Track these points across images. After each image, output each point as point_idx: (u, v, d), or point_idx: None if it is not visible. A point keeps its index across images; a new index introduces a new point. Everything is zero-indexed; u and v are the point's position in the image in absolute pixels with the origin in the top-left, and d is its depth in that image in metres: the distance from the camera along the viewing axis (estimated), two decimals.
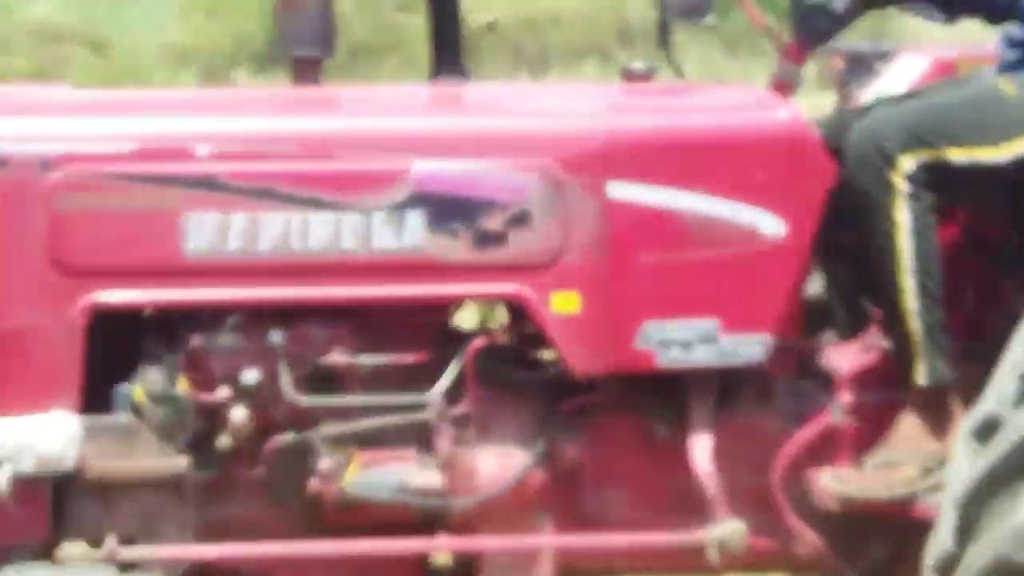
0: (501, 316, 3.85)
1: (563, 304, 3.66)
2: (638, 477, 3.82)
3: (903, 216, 3.67)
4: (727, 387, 3.82)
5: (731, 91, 4.05)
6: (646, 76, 4.10)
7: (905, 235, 3.68)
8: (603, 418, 3.81)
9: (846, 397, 3.81)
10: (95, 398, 3.59)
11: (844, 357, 3.89)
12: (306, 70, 4.13)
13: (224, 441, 3.63)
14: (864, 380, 3.84)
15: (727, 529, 3.68)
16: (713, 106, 3.80)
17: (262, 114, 3.86)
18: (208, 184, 3.57)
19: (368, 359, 3.67)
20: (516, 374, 3.77)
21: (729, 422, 3.81)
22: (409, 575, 3.83)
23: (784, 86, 3.87)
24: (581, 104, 3.86)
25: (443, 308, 3.73)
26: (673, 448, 3.76)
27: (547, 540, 3.71)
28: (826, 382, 3.86)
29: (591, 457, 3.80)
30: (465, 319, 3.85)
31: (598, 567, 3.91)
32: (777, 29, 3.92)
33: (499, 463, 3.72)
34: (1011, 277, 3.85)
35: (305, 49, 4.11)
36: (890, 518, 3.68)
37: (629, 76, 4.12)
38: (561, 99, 4.11)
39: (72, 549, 3.51)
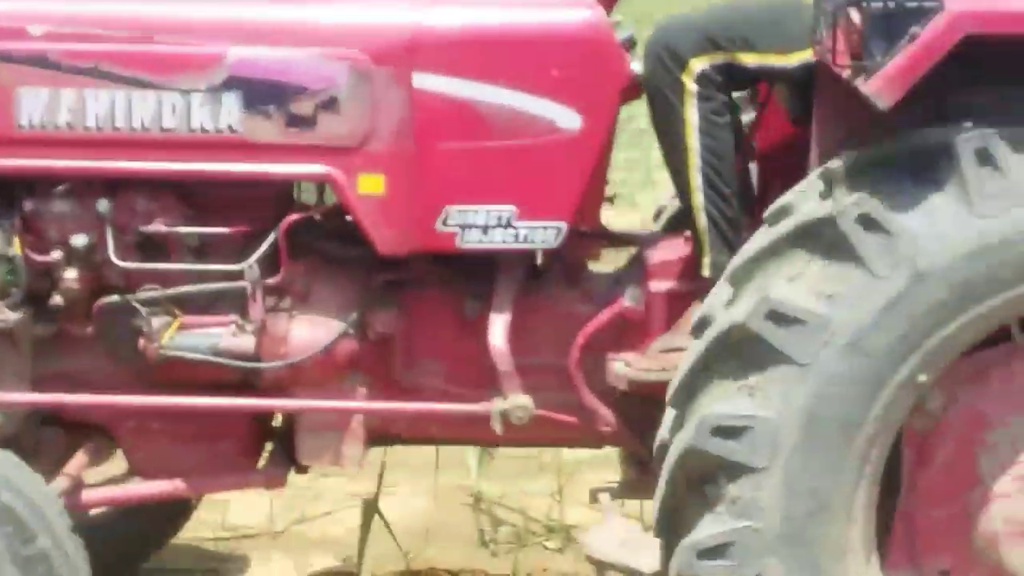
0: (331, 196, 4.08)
1: (369, 186, 3.90)
2: (448, 350, 4.07)
3: (691, 115, 3.85)
4: (536, 270, 4.05)
5: None
6: None
7: (693, 133, 3.86)
8: (416, 293, 4.07)
9: (646, 285, 4.01)
10: None
11: (658, 249, 4.09)
12: None
13: (56, 299, 3.95)
14: (669, 271, 4.04)
15: (511, 403, 3.93)
16: (518, 4, 3.96)
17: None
18: (40, 62, 3.85)
19: (190, 230, 3.95)
20: (331, 248, 4.03)
21: (535, 303, 4.04)
22: (240, 432, 4.13)
23: None
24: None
25: (265, 184, 3.98)
26: (481, 324, 4.00)
27: (340, 404, 3.98)
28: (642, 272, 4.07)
29: (403, 329, 4.06)
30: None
31: (409, 433, 4.19)
32: None
33: (311, 330, 3.99)
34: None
35: None
36: None
37: None
38: None
39: None
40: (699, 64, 3.84)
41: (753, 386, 3.32)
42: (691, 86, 3.83)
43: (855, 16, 3.45)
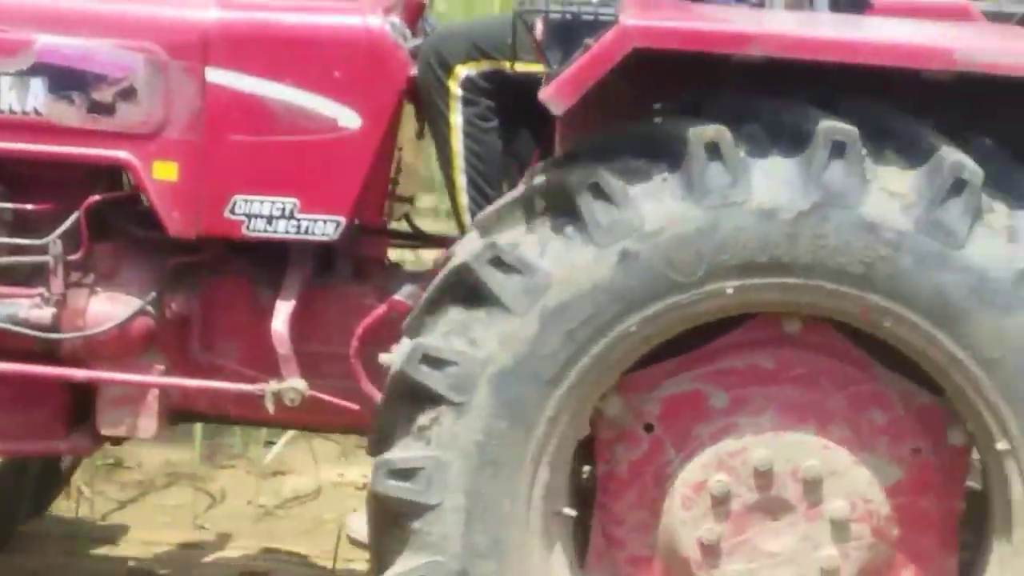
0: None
1: (163, 172, 4.12)
2: (241, 333, 4.27)
3: (456, 119, 4.02)
4: (329, 262, 4.25)
5: None
6: None
7: (457, 136, 4.03)
8: (214, 278, 4.28)
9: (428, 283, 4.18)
10: None
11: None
12: None
13: None
14: None
15: (285, 384, 4.12)
16: (309, 8, 4.16)
17: None
18: None
19: (1, 205, 4.21)
20: (134, 230, 4.26)
21: (322, 294, 4.23)
22: (51, 400, 4.36)
23: None
24: None
25: (70, 166, 4.21)
26: (271, 310, 4.21)
27: (128, 377, 4.20)
28: None
29: (200, 311, 4.27)
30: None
31: (211, 411, 4.40)
32: None
33: (108, 306, 4.21)
34: None
35: None
36: None
37: None
38: None
39: None
40: (465, 70, 4.01)
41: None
42: (456, 91, 4.00)
43: (539, 27, 3.61)
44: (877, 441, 3.54)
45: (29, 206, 4.20)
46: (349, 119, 4.05)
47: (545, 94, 3.44)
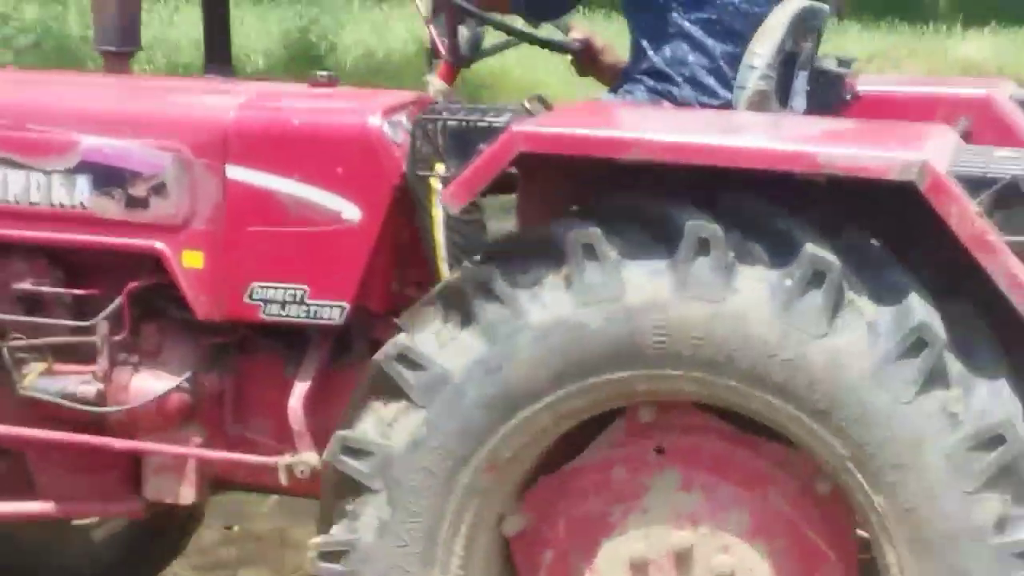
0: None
1: (191, 260, 4.49)
2: (269, 408, 4.60)
3: (437, 212, 4.26)
4: (346, 343, 4.54)
5: (352, 98, 4.69)
6: (330, 83, 4.77)
7: (439, 228, 4.27)
8: (243, 356, 4.62)
9: None
10: None
11: None
12: (115, 61, 5.03)
13: None
14: None
15: (296, 459, 4.42)
16: (315, 109, 4.47)
17: None
18: None
19: (53, 290, 4.63)
20: (173, 312, 4.62)
21: (339, 373, 4.52)
22: (107, 468, 4.75)
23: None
24: (219, 100, 4.61)
25: (112, 254, 4.61)
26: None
27: (157, 447, 4.56)
28: None
29: (232, 387, 4.62)
30: None
31: (250, 481, 4.73)
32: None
33: (149, 382, 4.59)
34: None
35: (111, 44, 5.02)
36: None
37: (312, 83, 4.80)
38: (208, 93, 4.82)
39: None
40: (442, 166, 4.25)
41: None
42: (436, 185, 4.25)
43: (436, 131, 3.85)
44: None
45: (79, 291, 4.62)
46: (351, 212, 4.34)
47: (443, 196, 3.68)
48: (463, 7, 4.48)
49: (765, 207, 3.53)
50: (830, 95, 4.43)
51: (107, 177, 4.51)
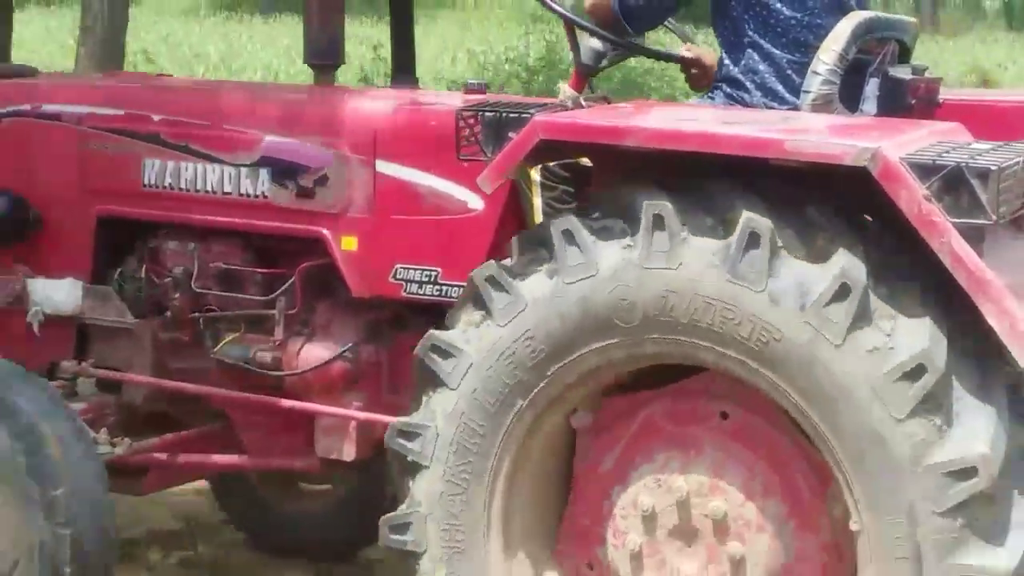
0: None
1: (348, 244, 5.11)
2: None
3: (537, 201, 4.74)
4: None
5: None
6: (480, 90, 5.30)
7: (538, 214, 4.77)
8: (397, 331, 5.21)
9: None
10: (102, 275, 5.55)
11: None
12: (323, 74, 5.71)
13: (167, 313, 5.45)
14: None
15: None
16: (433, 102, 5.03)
17: (184, 98, 5.56)
18: (155, 140, 5.38)
19: (243, 268, 5.33)
20: (335, 289, 5.24)
21: None
22: (292, 427, 5.41)
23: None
24: (373, 104, 5.19)
25: (289, 238, 5.27)
26: None
27: (334, 411, 5.17)
28: None
29: (387, 358, 5.21)
30: None
31: None
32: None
33: (316, 351, 5.23)
34: None
35: (319, 59, 5.69)
36: None
37: (467, 90, 5.33)
38: (366, 99, 5.39)
39: (67, 364, 5.52)
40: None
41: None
42: (535, 176, 4.72)
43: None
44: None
45: (262, 270, 5.31)
46: (476, 202, 4.88)
47: (480, 178, 4.17)
48: (576, 23, 4.97)
49: (730, 188, 3.91)
50: (902, 100, 4.68)
51: (283, 171, 5.18)
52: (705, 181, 3.96)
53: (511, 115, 4.32)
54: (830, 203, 3.90)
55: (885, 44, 4.75)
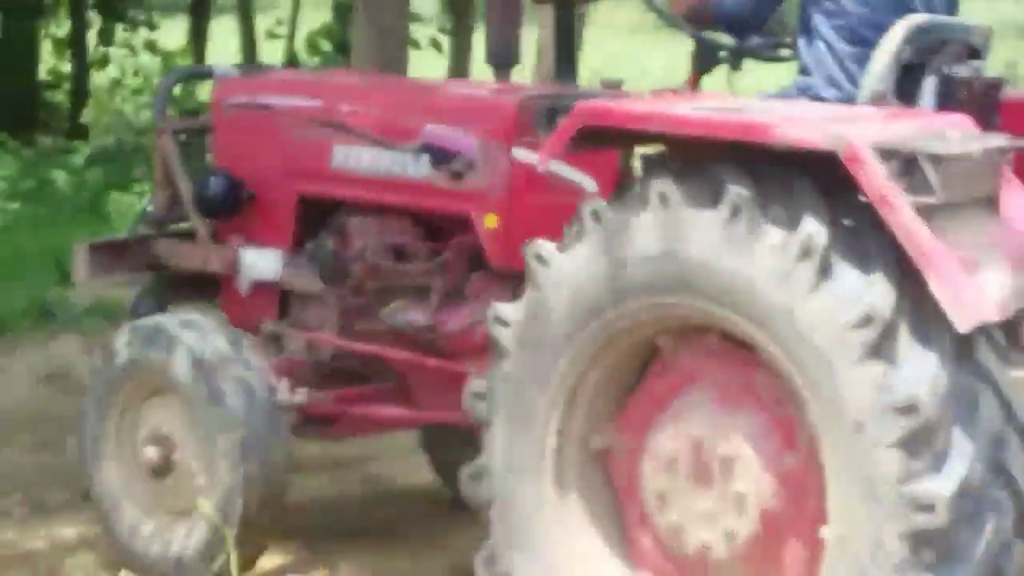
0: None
1: (490, 222, 5.73)
2: None
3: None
4: None
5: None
6: (616, 86, 5.81)
7: None
8: None
9: None
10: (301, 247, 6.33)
11: None
12: (500, 74, 6.33)
13: (352, 281, 6.16)
14: None
15: None
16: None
17: (366, 91, 6.31)
18: (343, 128, 6.12)
19: (408, 242, 6.01)
20: (481, 262, 5.86)
21: None
22: (454, 384, 6.04)
23: None
24: (509, 97, 5.77)
25: (444, 216, 5.92)
26: None
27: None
28: None
29: None
30: None
31: None
32: None
33: (464, 318, 5.86)
34: None
35: (497, 60, 6.31)
36: None
37: (605, 84, 5.84)
38: (506, 93, 5.96)
39: (267, 324, 6.31)
40: (641, 149, 5.21)
41: None
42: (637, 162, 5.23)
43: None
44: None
45: (424, 244, 5.99)
46: (590, 186, 5.42)
47: (531, 157, 4.72)
48: (681, 27, 5.47)
49: (736, 169, 4.38)
50: (957, 97, 4.98)
51: (439, 155, 5.84)
52: (719, 164, 4.42)
53: (561, 103, 4.86)
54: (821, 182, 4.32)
55: (945, 45, 5.07)
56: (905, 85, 5.01)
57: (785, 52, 5.74)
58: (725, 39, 5.72)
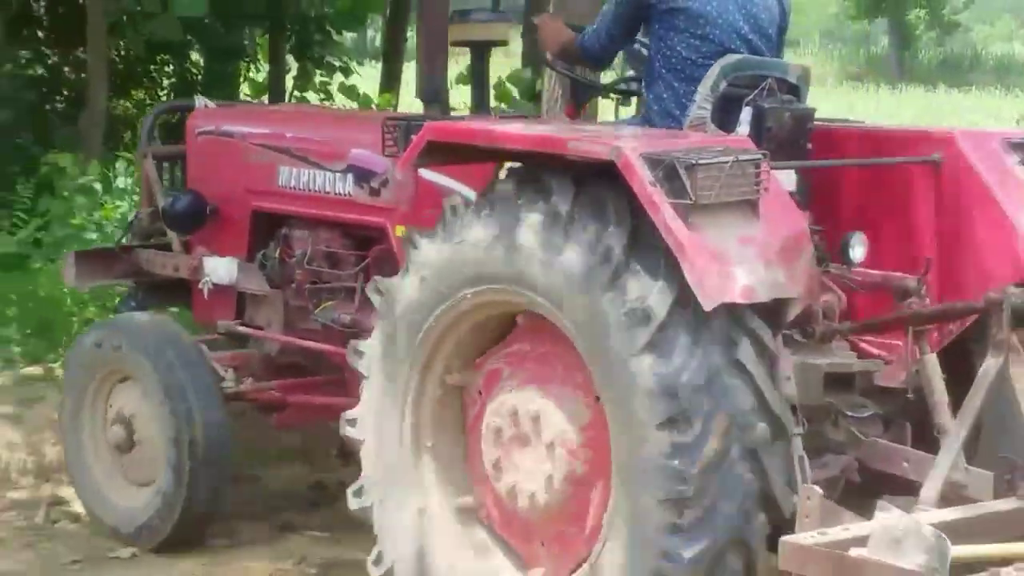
0: None
1: (399, 231, 6.60)
2: None
3: None
4: None
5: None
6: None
7: None
8: None
9: None
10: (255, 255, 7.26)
11: None
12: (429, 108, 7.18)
13: (293, 286, 7.08)
14: None
15: None
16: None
17: (306, 120, 7.28)
18: (286, 151, 7.05)
19: (337, 251, 6.91)
20: (395, 268, 6.72)
21: None
22: None
23: None
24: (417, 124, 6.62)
25: (364, 227, 6.81)
26: None
27: None
28: None
29: None
30: None
31: None
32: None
33: None
34: None
35: (426, 98, 7.15)
36: None
37: (501, 116, 6.69)
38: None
39: (222, 322, 7.24)
40: None
41: None
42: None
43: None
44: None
45: (350, 253, 6.89)
46: (469, 194, 6.25)
47: (395, 172, 5.62)
48: (554, 66, 6.37)
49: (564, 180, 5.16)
50: (767, 125, 5.75)
51: (360, 175, 6.74)
52: (553, 176, 5.20)
53: (415, 123, 5.74)
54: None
55: (761, 81, 5.87)
56: (725, 115, 5.83)
57: (635, 86, 6.58)
58: (592, 76, 6.60)
